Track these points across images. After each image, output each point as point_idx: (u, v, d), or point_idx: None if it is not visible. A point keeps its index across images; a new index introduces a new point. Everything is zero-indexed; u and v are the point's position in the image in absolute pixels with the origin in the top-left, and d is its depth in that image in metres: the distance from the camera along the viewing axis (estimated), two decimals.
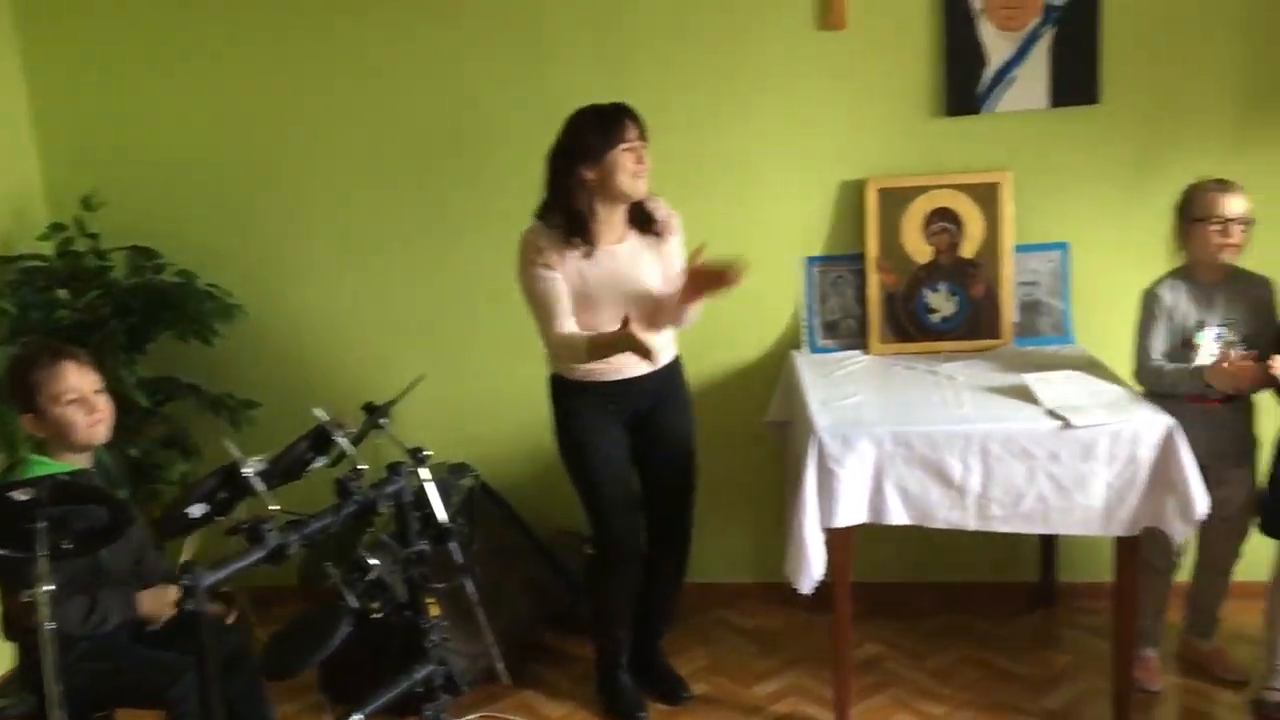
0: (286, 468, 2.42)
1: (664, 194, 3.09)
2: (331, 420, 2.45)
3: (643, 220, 3.04)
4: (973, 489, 2.88)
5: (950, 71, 3.49)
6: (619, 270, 2.99)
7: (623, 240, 3.02)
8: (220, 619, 2.81)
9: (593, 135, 2.90)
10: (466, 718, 3.22)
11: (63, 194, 3.80)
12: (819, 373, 3.43)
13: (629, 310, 2.89)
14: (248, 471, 2.27)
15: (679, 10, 3.56)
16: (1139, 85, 3.44)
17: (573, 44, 3.62)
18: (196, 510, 2.30)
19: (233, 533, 2.23)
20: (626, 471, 3.15)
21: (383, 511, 2.43)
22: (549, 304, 2.95)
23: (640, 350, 2.84)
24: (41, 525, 2.04)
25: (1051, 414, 2.89)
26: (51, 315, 3.53)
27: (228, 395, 3.76)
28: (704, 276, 2.88)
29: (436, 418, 3.61)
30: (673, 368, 3.18)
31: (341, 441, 2.44)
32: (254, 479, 2.27)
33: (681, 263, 3.04)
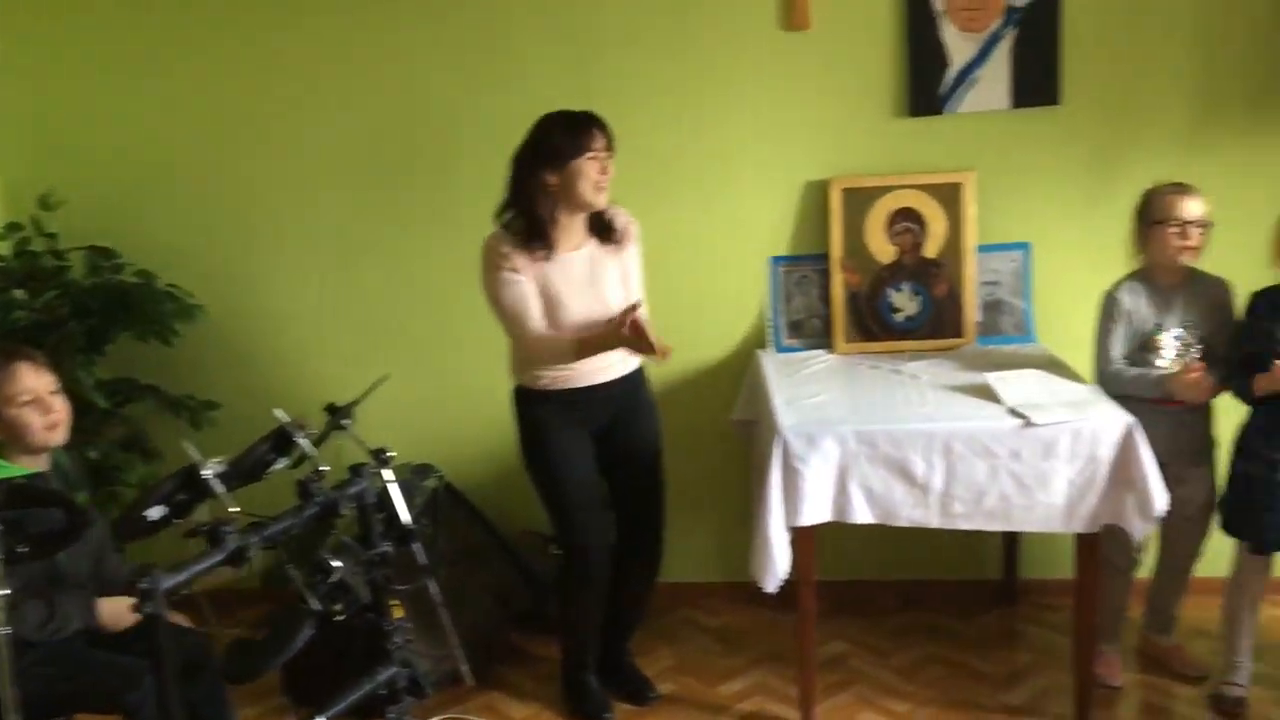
0: (247, 469, 2.40)
1: (628, 195, 3.09)
2: (293, 421, 2.42)
3: (602, 228, 3.04)
4: (936, 487, 2.90)
5: (913, 72, 3.51)
6: (580, 276, 2.98)
7: (580, 248, 3.01)
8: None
9: (560, 139, 2.89)
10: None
11: (20, 193, 3.75)
12: (784, 372, 3.44)
13: (593, 319, 2.91)
14: (207, 473, 2.25)
15: (644, 12, 3.56)
16: (1099, 87, 3.48)
17: (538, 46, 3.61)
18: (155, 513, 2.27)
19: (192, 535, 2.21)
20: (594, 479, 3.13)
21: (345, 513, 2.41)
22: (520, 308, 2.94)
23: (639, 346, 2.83)
24: None
25: (1013, 412, 2.91)
26: (8, 316, 3.48)
27: (188, 396, 3.73)
28: (635, 328, 2.85)
29: (400, 419, 3.59)
30: (636, 375, 3.17)
31: (303, 443, 2.41)
32: (213, 481, 2.24)
33: (638, 272, 3.08)
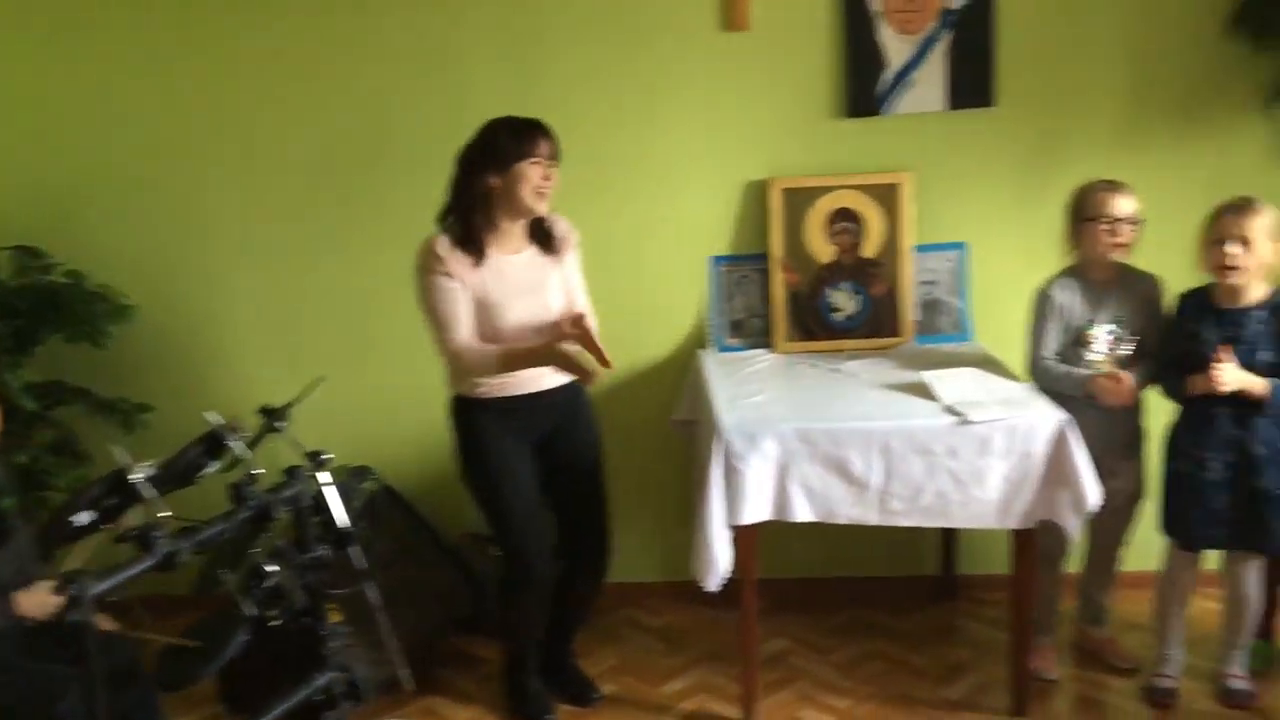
0: (179, 473, 2.35)
1: (569, 196, 3.08)
2: (226, 424, 2.38)
3: (542, 235, 3.03)
4: (874, 484, 2.92)
5: (851, 73, 3.54)
6: (520, 280, 2.97)
7: (520, 252, 3.00)
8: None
9: (505, 142, 2.87)
10: None
11: None
12: (725, 371, 3.45)
13: (532, 325, 2.91)
14: (136, 477, 2.20)
15: (583, 12, 3.55)
16: (1032, 89, 3.53)
17: (476, 47, 3.58)
18: (83, 517, 2.22)
19: (121, 540, 2.16)
20: (533, 486, 3.10)
21: (280, 517, 2.37)
22: (448, 313, 2.90)
23: (568, 366, 2.82)
24: None
25: (949, 410, 2.95)
26: None
27: (120, 399, 3.65)
28: (584, 336, 2.86)
29: (338, 421, 3.54)
30: (576, 382, 3.14)
31: (235, 446, 2.37)
32: (143, 485, 2.19)
33: (579, 278, 3.09)
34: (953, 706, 3.24)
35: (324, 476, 2.44)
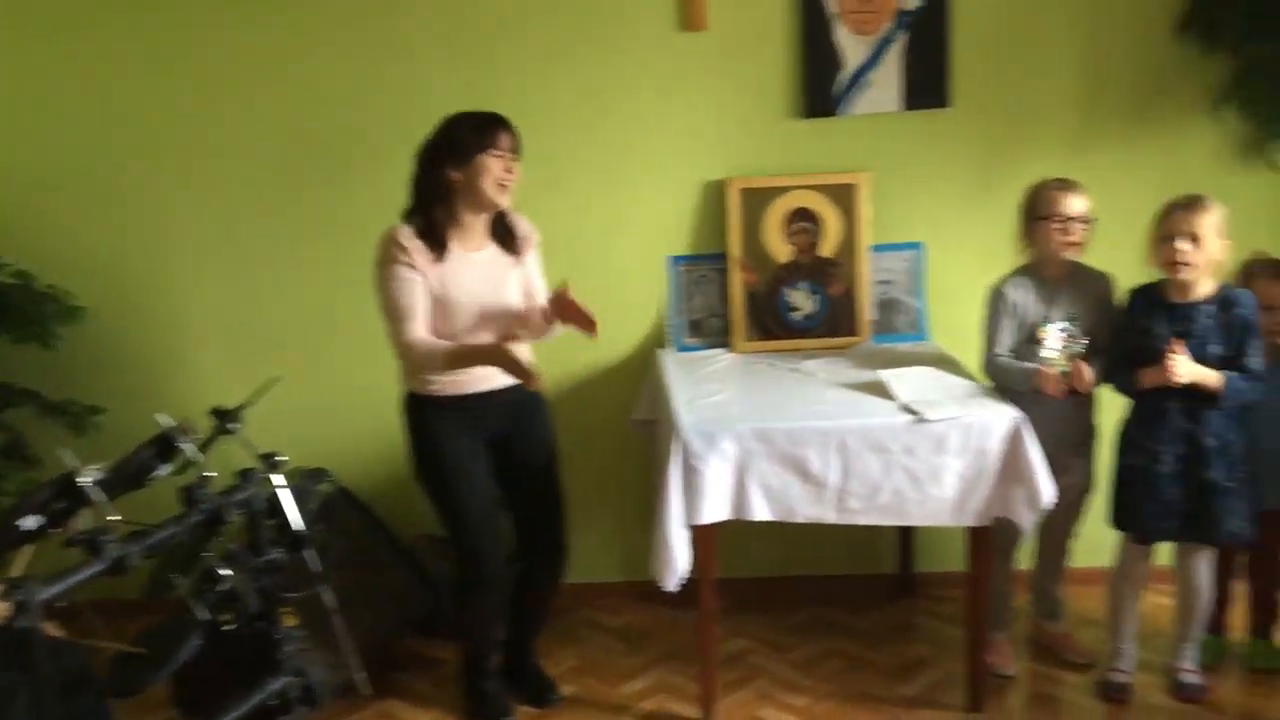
0: (129, 476, 2.31)
1: (527, 196, 3.07)
2: (177, 426, 2.35)
3: (503, 234, 3.02)
4: (832, 483, 2.93)
5: (808, 74, 3.55)
6: (481, 278, 2.95)
7: (482, 249, 2.99)
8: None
9: (466, 134, 2.86)
10: None
11: None
12: (684, 371, 3.45)
13: (489, 323, 2.88)
14: (85, 480, 2.16)
15: (541, 12, 3.54)
16: (987, 90, 3.56)
17: (429, 46, 3.56)
18: (30, 522, 2.17)
19: (70, 544, 2.12)
20: (489, 485, 3.09)
21: (232, 520, 2.34)
22: (405, 305, 2.88)
23: (514, 368, 2.81)
24: None
25: (906, 409, 2.96)
26: None
27: (69, 401, 3.59)
28: (571, 308, 2.88)
29: (293, 422, 3.49)
30: None
31: (187, 448, 2.34)
32: (91, 488, 2.16)
33: (540, 278, 3.09)
34: (910, 703, 3.26)
35: (278, 479, 2.41)
